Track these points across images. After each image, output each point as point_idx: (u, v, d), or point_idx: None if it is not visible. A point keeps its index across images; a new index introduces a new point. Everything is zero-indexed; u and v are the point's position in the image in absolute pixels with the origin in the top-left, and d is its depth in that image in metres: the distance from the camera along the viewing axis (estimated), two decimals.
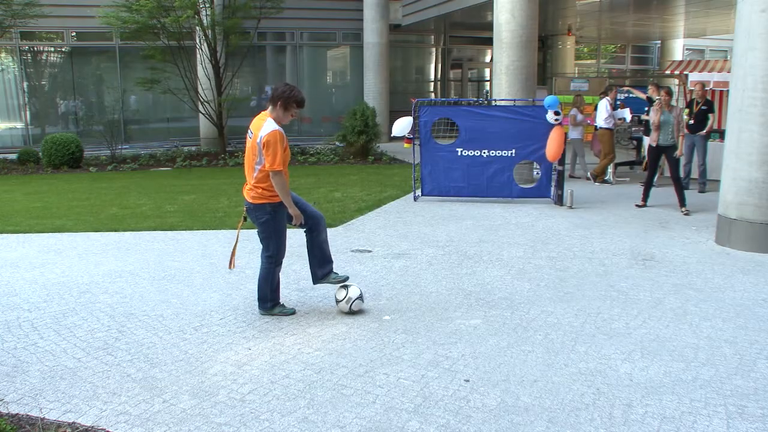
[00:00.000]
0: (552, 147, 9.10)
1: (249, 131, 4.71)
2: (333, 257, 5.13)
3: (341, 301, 4.94)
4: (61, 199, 10.17)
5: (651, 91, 11.21)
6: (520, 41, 10.50)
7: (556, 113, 9.07)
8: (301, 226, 4.88)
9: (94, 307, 5.17)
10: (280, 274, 5.00)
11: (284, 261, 6.39)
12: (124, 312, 5.04)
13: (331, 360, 4.14)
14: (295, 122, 19.93)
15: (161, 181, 12.14)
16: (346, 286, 4.98)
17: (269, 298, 4.94)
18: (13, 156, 14.97)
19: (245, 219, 4.94)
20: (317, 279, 5.06)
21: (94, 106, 18.33)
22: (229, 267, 5.08)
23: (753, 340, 4.46)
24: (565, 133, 9.75)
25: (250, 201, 4.72)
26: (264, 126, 4.56)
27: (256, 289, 5.02)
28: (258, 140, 4.54)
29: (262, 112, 4.70)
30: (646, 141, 11.13)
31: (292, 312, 4.97)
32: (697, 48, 24.61)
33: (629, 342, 4.43)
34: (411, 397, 3.65)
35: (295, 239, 7.36)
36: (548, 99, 9.34)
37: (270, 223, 4.75)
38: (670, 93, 8.93)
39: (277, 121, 4.61)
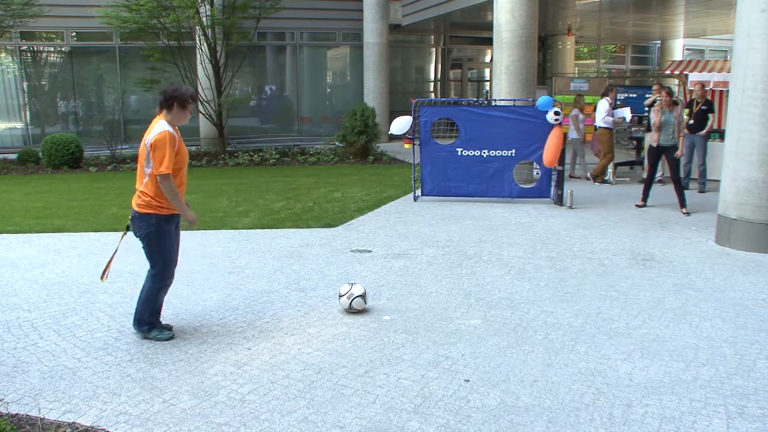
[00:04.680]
0: (549, 152, 9.05)
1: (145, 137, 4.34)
2: (333, 258, 5.09)
3: (343, 296, 4.94)
4: (60, 199, 10.17)
5: (655, 91, 11.21)
6: (520, 41, 10.50)
7: (556, 113, 9.05)
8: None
9: (94, 307, 5.17)
10: (165, 297, 4.57)
11: (284, 261, 6.44)
12: (124, 312, 5.03)
13: (331, 360, 4.14)
14: (295, 122, 19.95)
15: None
16: (350, 283, 5.00)
17: (146, 321, 4.46)
18: (13, 156, 14.95)
19: (128, 228, 4.45)
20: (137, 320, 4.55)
21: (94, 106, 18.32)
22: (102, 279, 4.53)
23: (753, 340, 4.46)
24: (565, 134, 9.73)
25: (135, 209, 4.33)
26: (153, 128, 4.24)
27: (135, 308, 4.53)
28: (146, 143, 4.23)
29: (155, 117, 4.36)
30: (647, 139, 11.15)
31: (170, 336, 4.46)
32: (697, 48, 24.60)
33: (629, 342, 4.43)
34: (411, 397, 3.65)
35: (295, 239, 7.37)
36: (541, 100, 9.28)
37: (153, 237, 4.32)
38: (670, 93, 8.93)
39: (174, 122, 4.32)
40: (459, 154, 9.66)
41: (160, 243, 4.36)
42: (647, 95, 12.58)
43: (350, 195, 10.20)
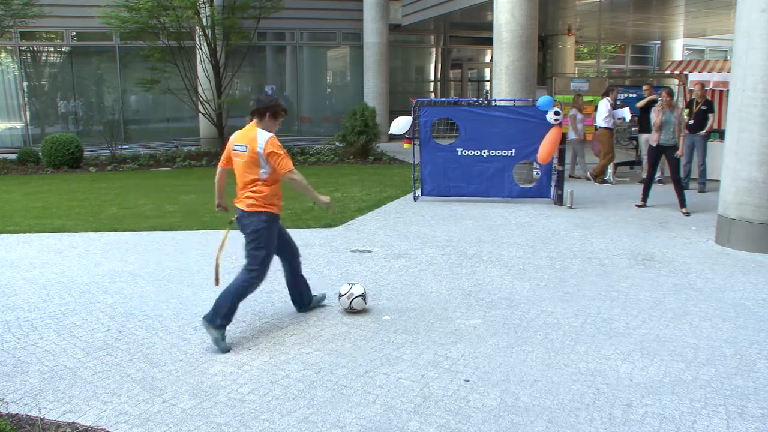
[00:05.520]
0: (543, 149, 9.03)
1: (238, 145, 4.48)
2: (333, 258, 5.11)
3: (343, 296, 4.95)
4: (60, 199, 10.17)
5: (645, 92, 11.27)
6: (520, 41, 10.50)
7: (556, 113, 9.04)
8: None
9: (94, 307, 5.17)
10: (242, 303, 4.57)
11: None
12: (124, 312, 5.04)
13: (331, 360, 4.14)
14: (295, 122, 19.94)
15: (161, 181, 12.13)
16: (350, 283, 5.01)
17: (222, 314, 4.37)
18: (13, 156, 14.96)
19: (230, 223, 4.58)
20: (305, 306, 5.06)
21: (94, 106, 18.33)
22: (216, 284, 4.61)
23: (753, 340, 4.46)
24: (564, 134, 9.72)
25: (245, 209, 4.50)
26: (259, 137, 4.40)
27: (216, 299, 4.45)
28: (258, 150, 4.36)
29: (248, 125, 4.53)
30: (643, 140, 11.16)
31: (227, 350, 4.31)
32: (697, 48, 24.61)
33: (629, 342, 4.43)
34: (411, 397, 3.65)
35: (295, 239, 7.35)
36: (542, 100, 9.27)
37: (264, 233, 4.49)
38: (671, 93, 8.92)
39: (266, 130, 4.47)
40: (459, 154, 9.65)
41: (268, 239, 4.56)
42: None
43: (350, 195, 10.20)
